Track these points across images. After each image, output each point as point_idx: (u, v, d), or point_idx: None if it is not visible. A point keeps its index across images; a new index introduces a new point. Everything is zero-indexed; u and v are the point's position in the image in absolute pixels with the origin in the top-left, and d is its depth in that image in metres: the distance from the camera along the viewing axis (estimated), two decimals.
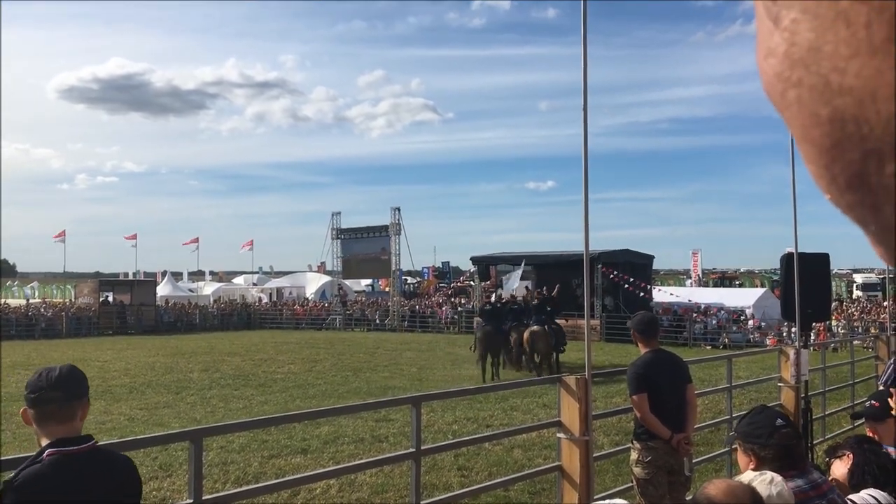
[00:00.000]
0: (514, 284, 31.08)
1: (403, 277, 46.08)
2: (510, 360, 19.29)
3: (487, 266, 37.03)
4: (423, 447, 5.11)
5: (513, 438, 9.67)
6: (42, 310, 38.62)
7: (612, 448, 8.49)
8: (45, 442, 2.57)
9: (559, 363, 19.01)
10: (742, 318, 30.84)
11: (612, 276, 30.87)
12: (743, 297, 33.94)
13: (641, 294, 31.07)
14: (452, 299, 41.51)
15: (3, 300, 46.66)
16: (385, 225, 41.91)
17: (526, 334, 18.54)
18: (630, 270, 31.31)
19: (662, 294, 34.86)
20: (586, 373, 5.79)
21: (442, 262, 64.67)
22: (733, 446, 3.31)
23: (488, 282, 38.51)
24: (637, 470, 5.46)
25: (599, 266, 29.78)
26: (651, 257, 34.26)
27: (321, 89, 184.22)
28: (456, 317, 36.86)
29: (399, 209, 41.36)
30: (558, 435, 5.90)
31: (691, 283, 49.39)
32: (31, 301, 44.25)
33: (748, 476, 2.87)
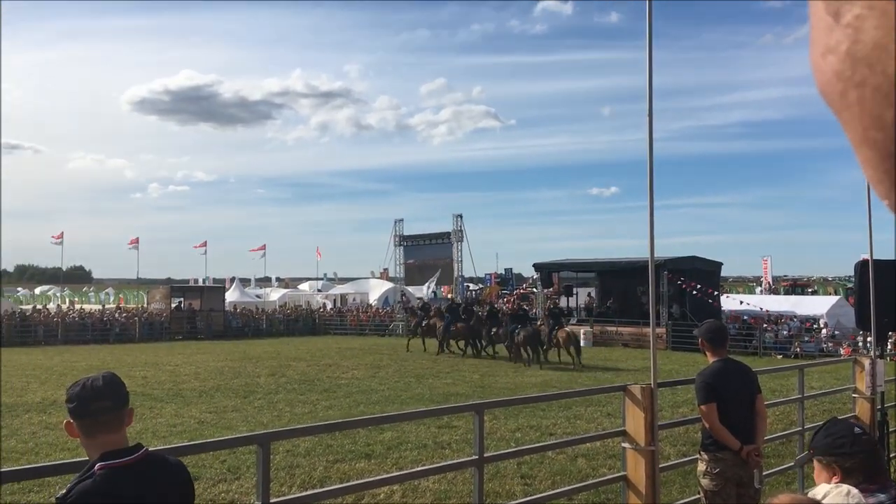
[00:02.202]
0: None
1: (465, 284, 46.11)
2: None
3: (550, 273, 36.82)
4: (485, 454, 5.10)
5: (576, 447, 9.58)
6: (117, 315, 39.91)
7: (678, 459, 8.34)
8: (94, 453, 2.53)
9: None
10: (815, 326, 29.92)
11: (678, 283, 30.33)
12: (816, 306, 32.90)
13: (709, 301, 30.44)
14: (515, 306, 41.31)
15: (78, 305, 48.31)
16: (447, 232, 42.12)
17: (563, 334, 23.74)
18: (697, 277, 30.69)
19: (731, 302, 34.08)
20: (652, 382, 5.70)
21: (504, 269, 64.47)
22: (811, 462, 3.20)
23: (551, 288, 38.28)
24: (705, 482, 5.35)
25: (665, 273, 29.29)
26: (719, 264, 33.54)
27: (384, 98, 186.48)
28: None
29: (461, 216, 41.57)
30: (623, 444, 5.82)
31: (762, 291, 48.20)
32: (107, 306, 45.70)
33: (823, 489, 2.79)
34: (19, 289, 71.23)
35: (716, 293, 32.06)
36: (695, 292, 30.17)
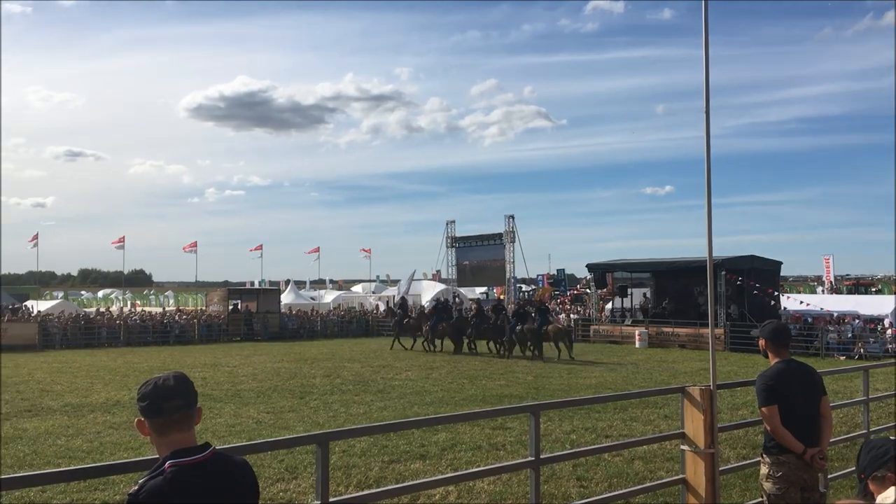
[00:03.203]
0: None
1: (518, 285, 45.96)
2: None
3: (604, 273, 36.46)
4: (542, 456, 5.08)
5: (633, 449, 9.47)
6: (176, 317, 40.81)
7: (738, 462, 8.18)
8: (164, 451, 2.56)
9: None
10: (879, 326, 29.01)
11: (736, 283, 29.74)
12: (880, 305, 31.86)
13: (769, 302, 29.78)
14: (569, 307, 41.04)
15: (140, 308, 49.53)
16: (499, 233, 42.02)
17: (553, 328, 26.15)
18: (756, 277, 30.05)
19: (792, 302, 33.26)
20: (711, 383, 5.60)
21: (557, 270, 64.10)
22: (868, 481, 3.13)
23: (605, 289, 37.91)
24: (767, 485, 5.22)
25: (723, 273, 28.75)
26: (778, 263, 32.78)
27: (434, 100, 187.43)
28: (572, 325, 36.43)
29: (513, 217, 41.46)
30: (682, 447, 5.73)
31: (823, 290, 46.99)
32: (167, 309, 46.77)
33: (891, 493, 2.71)
34: (83, 292, 73.37)
35: (775, 293, 31.35)
36: (754, 292, 29.57)
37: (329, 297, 53.69)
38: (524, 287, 51.75)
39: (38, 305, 44.11)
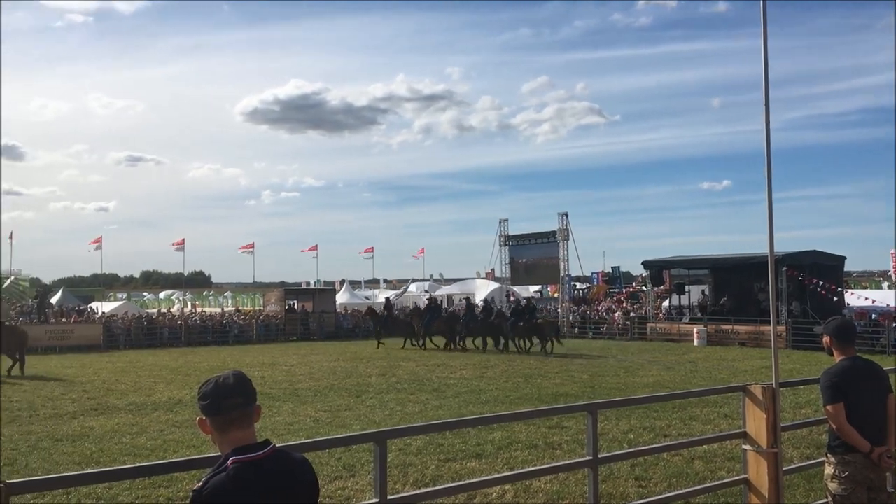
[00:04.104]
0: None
1: (572, 283, 45.63)
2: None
3: (661, 270, 35.92)
4: (600, 455, 5.03)
5: (693, 449, 9.32)
6: (235, 317, 41.58)
7: (802, 462, 7.99)
8: (226, 449, 2.61)
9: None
10: None
11: (798, 279, 29.03)
12: None
13: (832, 298, 28.98)
14: (624, 305, 40.59)
15: (199, 308, 50.57)
16: (553, 231, 41.78)
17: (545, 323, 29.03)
18: (818, 273, 29.29)
19: (856, 298, 32.32)
20: (774, 381, 5.48)
21: (612, 267, 63.43)
22: None
23: (662, 286, 37.35)
24: (833, 485, 5.09)
25: (784, 269, 28.08)
26: (842, 258, 31.89)
27: (486, 98, 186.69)
28: (629, 323, 36.01)
29: (566, 214, 41.16)
30: (744, 447, 5.62)
31: (890, 286, 45.46)
32: (226, 309, 47.66)
33: None
34: (145, 293, 75.24)
35: (839, 289, 30.49)
36: (817, 288, 28.83)
37: (383, 296, 54.00)
38: (578, 285, 51.33)
39: (103, 307, 45.39)
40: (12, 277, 49.08)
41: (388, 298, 40.46)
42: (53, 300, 43.83)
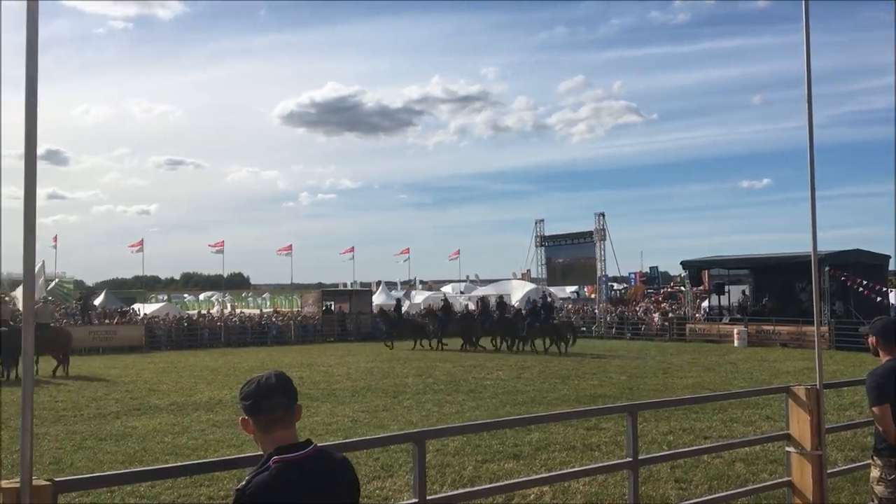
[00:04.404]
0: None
1: (609, 283, 45.28)
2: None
3: (699, 270, 35.53)
4: (640, 457, 4.98)
5: (734, 451, 9.18)
6: (273, 318, 41.99)
7: (846, 464, 7.84)
8: (268, 448, 2.62)
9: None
10: None
11: (841, 278, 28.48)
12: None
13: (876, 298, 28.38)
14: (663, 305, 40.17)
15: (238, 310, 51.14)
16: (589, 231, 41.48)
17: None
18: (862, 272, 28.70)
19: None
20: (817, 382, 5.38)
21: (650, 268, 62.86)
22: None
23: (701, 287, 36.92)
24: (879, 489, 4.98)
25: (827, 268, 27.56)
26: (886, 257, 31.18)
27: (521, 99, 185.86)
28: (667, 323, 35.65)
29: (603, 214, 40.82)
30: (787, 449, 5.53)
31: None
32: (264, 310, 48.14)
33: None
34: (185, 295, 76.32)
35: (883, 289, 29.84)
36: (860, 288, 28.25)
37: (419, 297, 54.15)
38: (615, 286, 50.93)
39: (144, 308, 46.13)
40: (57, 280, 50.12)
41: (398, 300, 40.66)
42: (97, 302, 44.66)
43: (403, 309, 39.00)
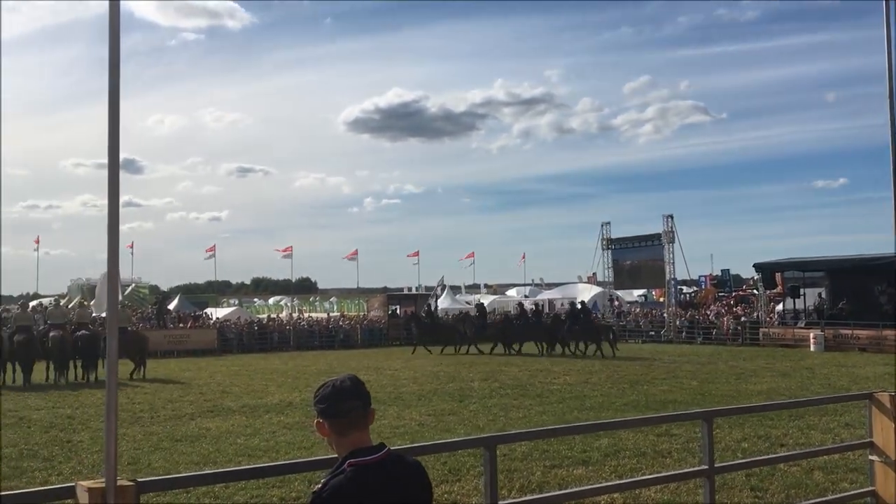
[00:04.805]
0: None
1: (679, 287, 44.43)
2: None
3: (773, 273, 34.57)
4: (716, 464, 4.86)
5: (812, 459, 8.89)
6: (341, 322, 42.54)
7: None
8: (343, 451, 2.65)
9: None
10: None
11: None
12: None
13: None
14: (735, 309, 39.22)
15: (307, 314, 51.96)
16: (657, 233, 40.81)
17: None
18: None
19: None
20: None
21: (721, 270, 61.37)
22: None
23: (774, 289, 35.92)
24: None
25: None
26: None
27: (586, 100, 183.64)
28: (739, 328, 34.79)
29: (672, 216, 40.08)
30: (870, 457, 5.33)
31: None
32: (332, 314, 48.79)
33: None
34: (255, 299, 78.06)
35: None
36: None
37: (484, 301, 54.14)
38: (685, 289, 49.94)
39: (217, 312, 47.30)
40: (133, 285, 51.74)
41: (428, 304, 40.69)
42: (171, 306, 45.96)
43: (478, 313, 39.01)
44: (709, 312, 40.10)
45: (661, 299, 45.64)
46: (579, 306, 30.53)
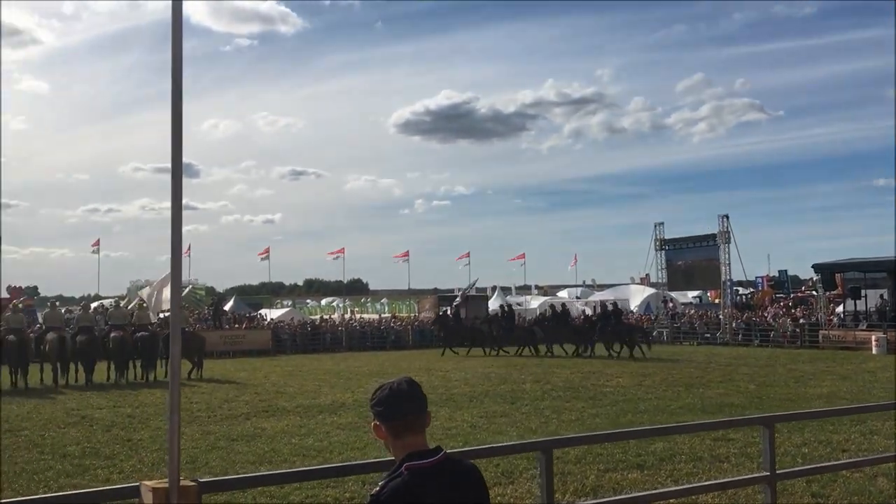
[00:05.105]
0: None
1: (735, 288, 43.58)
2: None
3: (833, 273, 33.68)
4: (777, 471, 4.75)
5: (876, 466, 8.63)
6: (392, 323, 42.77)
7: None
8: (400, 454, 2.65)
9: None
10: None
11: None
12: None
13: None
14: (793, 311, 38.32)
15: (358, 315, 52.35)
16: (712, 233, 40.11)
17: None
18: None
19: None
20: None
21: (778, 271, 60.04)
22: None
23: (834, 291, 35.01)
24: None
25: None
26: None
27: (638, 99, 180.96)
28: (798, 330, 33.97)
29: (727, 216, 39.33)
30: None
31: None
32: (383, 315, 49.09)
33: None
34: (308, 300, 78.93)
35: None
36: None
37: (535, 302, 53.85)
38: (741, 290, 48.97)
39: (271, 313, 47.98)
40: (190, 286, 52.82)
41: (455, 305, 40.54)
42: (226, 307, 46.77)
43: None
44: (766, 314, 39.26)
45: (717, 301, 44.81)
46: (610, 308, 30.78)
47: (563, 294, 62.46)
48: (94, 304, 37.37)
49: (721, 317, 39.59)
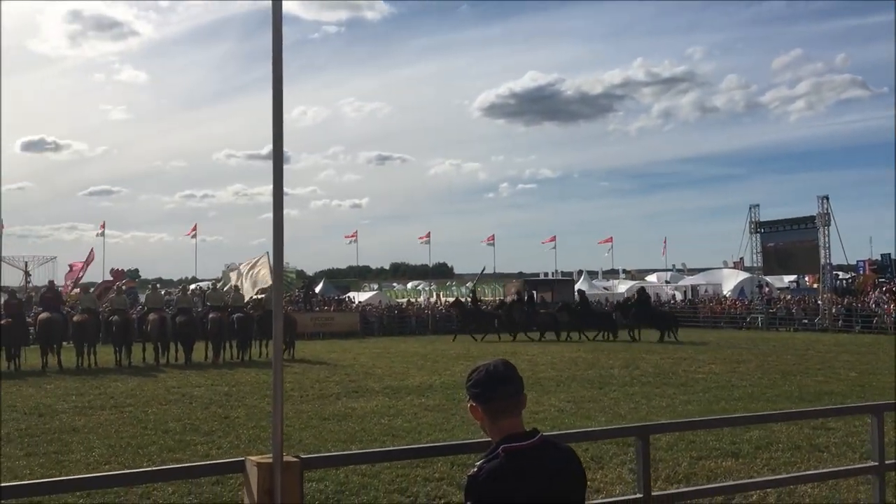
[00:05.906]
0: None
1: (834, 272, 41.83)
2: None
3: None
4: (886, 461, 4.55)
5: None
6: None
7: None
8: (496, 436, 2.66)
9: None
10: None
11: None
12: None
13: None
14: None
15: (444, 298, 52.68)
16: (811, 216, 38.57)
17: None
18: None
19: None
20: None
21: (881, 255, 57.29)
22: None
23: None
24: None
25: None
26: None
27: (731, 77, 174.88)
28: None
29: (827, 197, 37.71)
30: None
31: None
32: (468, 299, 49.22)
33: None
34: (394, 284, 79.95)
35: None
36: None
37: (622, 287, 53.03)
38: (841, 274, 46.97)
39: (359, 297, 48.82)
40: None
41: (474, 291, 40.20)
42: (316, 290, 47.84)
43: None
44: (868, 299, 37.56)
45: (815, 285, 43.14)
46: (637, 295, 32.25)
47: (651, 279, 61.22)
48: (191, 287, 38.85)
49: (820, 302, 38.12)
